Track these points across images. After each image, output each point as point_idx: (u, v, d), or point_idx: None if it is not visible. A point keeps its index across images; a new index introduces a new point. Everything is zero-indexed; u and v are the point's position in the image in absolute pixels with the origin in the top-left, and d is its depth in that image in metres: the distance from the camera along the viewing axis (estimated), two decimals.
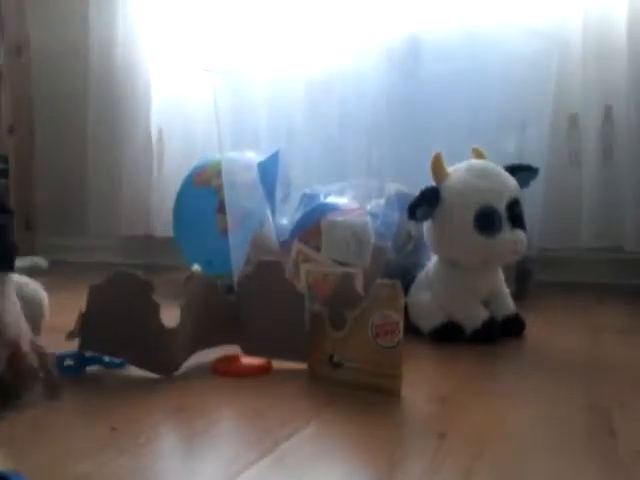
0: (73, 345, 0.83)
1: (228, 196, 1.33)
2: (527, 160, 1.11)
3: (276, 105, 1.72)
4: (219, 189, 1.40)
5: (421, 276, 1.09)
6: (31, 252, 2.07)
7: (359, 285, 0.85)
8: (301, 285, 1.03)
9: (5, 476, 0.43)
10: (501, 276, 1.07)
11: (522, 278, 1.35)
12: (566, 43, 1.51)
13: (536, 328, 1.07)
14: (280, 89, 1.72)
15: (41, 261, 1.96)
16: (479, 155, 1.09)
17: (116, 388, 0.78)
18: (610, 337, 1.04)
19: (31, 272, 1.87)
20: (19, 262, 2.00)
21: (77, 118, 2.08)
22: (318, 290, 0.90)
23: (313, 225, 1.13)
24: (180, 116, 1.92)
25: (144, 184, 1.99)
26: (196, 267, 0.82)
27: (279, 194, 1.32)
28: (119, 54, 2.01)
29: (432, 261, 1.09)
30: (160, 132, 1.97)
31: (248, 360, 0.86)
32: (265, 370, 0.84)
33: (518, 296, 1.15)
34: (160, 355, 0.79)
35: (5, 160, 2.14)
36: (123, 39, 2.00)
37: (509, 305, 1.06)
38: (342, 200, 1.21)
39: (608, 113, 1.51)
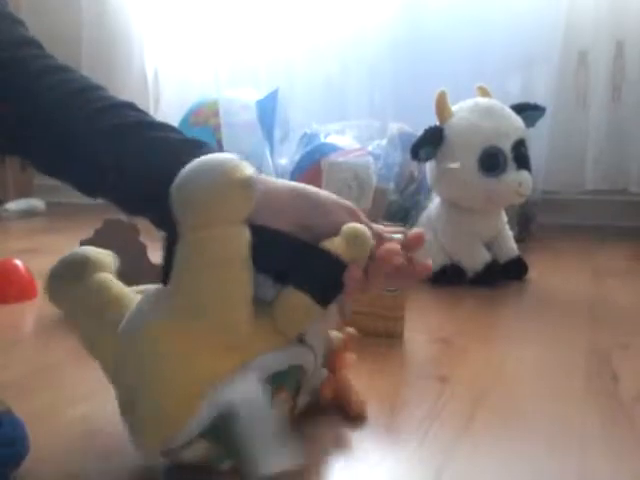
0: None
1: (226, 135, 1.30)
2: (534, 100, 1.07)
3: (275, 42, 1.67)
4: (216, 128, 1.37)
5: (423, 218, 1.07)
6: (27, 194, 2.05)
7: None
8: None
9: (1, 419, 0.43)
10: (504, 218, 1.06)
11: (525, 220, 1.34)
12: None
13: (538, 271, 1.07)
14: (279, 27, 1.67)
15: (38, 203, 1.94)
16: (484, 94, 1.06)
17: None
18: (612, 279, 1.03)
19: (28, 214, 1.86)
20: (14, 205, 1.99)
21: (70, 62, 2.02)
22: None
23: (313, 166, 1.11)
24: (176, 55, 1.86)
25: None
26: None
27: (278, 133, 1.29)
28: (112, 14, 1.95)
29: (434, 202, 1.07)
30: (156, 72, 1.91)
31: None
32: None
33: (520, 239, 1.14)
34: None
35: (1, 100, 2.09)
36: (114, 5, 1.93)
37: (512, 248, 1.05)
38: (343, 140, 1.18)
39: (620, 50, 1.46)
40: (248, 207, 0.41)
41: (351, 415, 0.53)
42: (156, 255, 0.79)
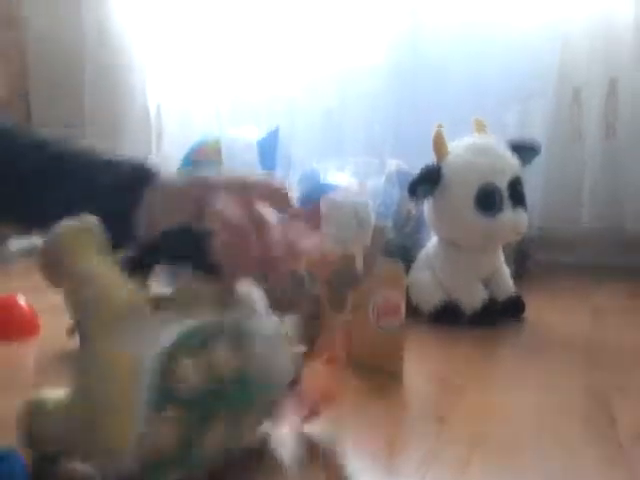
0: None
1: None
2: (529, 134, 1.09)
3: (275, 79, 1.70)
4: (219, 165, 1.39)
5: (421, 256, 1.08)
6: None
7: (359, 265, 0.84)
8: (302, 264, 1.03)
9: (1, 453, 0.43)
10: (501, 256, 1.06)
11: (522, 258, 1.35)
12: (570, 16, 1.48)
13: (535, 309, 1.07)
14: (279, 63, 1.70)
15: (39, 242, 1.94)
16: (480, 127, 1.07)
17: None
18: (610, 319, 1.04)
19: (30, 252, 1.87)
20: (18, 244, 1.98)
21: (72, 99, 2.05)
22: (317, 271, 0.90)
23: (313, 205, 1.12)
24: (178, 91, 1.89)
25: (145, 142, 1.96)
26: None
27: (279, 172, 1.31)
28: (114, 30, 1.98)
29: (432, 241, 1.08)
30: (159, 108, 1.94)
31: None
32: None
33: (518, 276, 1.15)
34: None
35: None
36: (118, 16, 1.97)
37: (509, 286, 1.05)
38: (342, 178, 1.19)
39: (612, 87, 1.48)
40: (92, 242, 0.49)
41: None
42: None
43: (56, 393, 0.50)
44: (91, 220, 0.53)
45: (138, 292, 0.48)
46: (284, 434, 0.56)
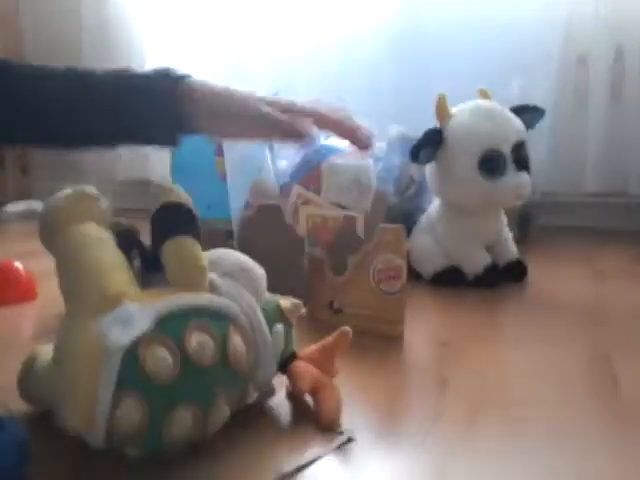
0: None
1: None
2: (533, 102, 1.07)
3: (275, 44, 1.68)
4: None
5: (423, 220, 1.07)
6: (27, 196, 2.05)
7: (360, 229, 0.83)
8: (301, 229, 1.02)
9: (0, 422, 0.43)
10: (504, 220, 1.06)
11: (524, 222, 1.34)
12: None
13: (538, 273, 1.07)
14: (278, 27, 1.67)
15: (37, 205, 1.94)
16: (484, 96, 1.06)
17: None
18: (612, 282, 1.03)
19: (27, 216, 1.86)
20: (14, 207, 1.99)
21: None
22: (318, 234, 0.89)
23: (313, 168, 1.11)
24: (176, 55, 1.87)
25: None
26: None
27: None
28: (111, 17, 1.95)
29: (434, 205, 1.07)
30: None
31: None
32: None
33: (520, 240, 1.14)
34: None
35: None
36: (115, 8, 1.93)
37: (511, 250, 1.05)
38: (343, 143, 1.18)
39: (619, 53, 1.46)
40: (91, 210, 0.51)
41: (320, 425, 0.52)
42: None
43: (48, 351, 0.49)
44: (92, 190, 0.52)
45: (127, 274, 0.48)
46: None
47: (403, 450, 0.49)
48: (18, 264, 0.95)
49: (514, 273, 1.03)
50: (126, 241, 0.52)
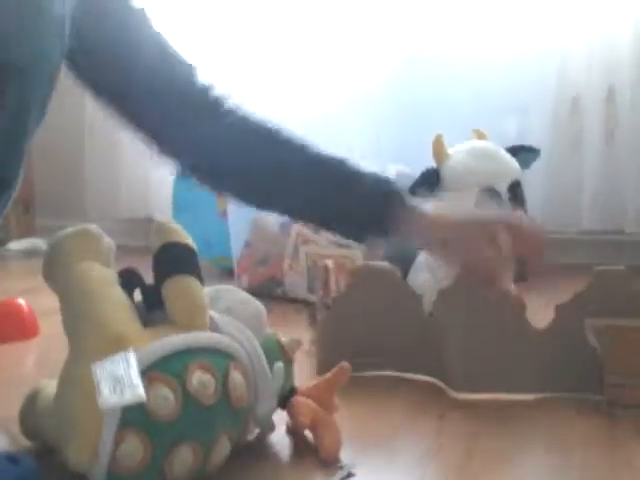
0: None
1: None
2: (529, 143, 1.10)
3: (274, 83, 1.71)
4: None
5: (421, 258, 1.08)
6: (30, 234, 2.06)
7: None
8: (301, 267, 1.03)
9: (14, 456, 0.44)
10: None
11: (522, 260, 1.34)
12: (569, 30, 1.49)
13: (536, 311, 1.07)
14: (278, 67, 1.71)
15: (40, 243, 1.95)
16: (480, 136, 1.08)
17: None
18: None
19: (30, 254, 1.87)
20: (17, 244, 1.99)
21: (73, 101, 2.06)
22: (319, 273, 0.89)
23: None
24: None
25: (143, 165, 1.97)
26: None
27: None
28: None
29: None
30: None
31: None
32: None
33: (518, 279, 1.15)
34: None
35: None
36: None
37: (510, 288, 1.05)
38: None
39: (611, 95, 1.49)
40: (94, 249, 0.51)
41: (320, 459, 0.52)
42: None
43: (52, 386, 0.50)
44: (96, 228, 0.53)
45: (130, 313, 0.48)
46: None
47: None
48: (21, 301, 0.96)
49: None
50: (129, 280, 0.52)
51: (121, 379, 0.42)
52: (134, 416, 0.42)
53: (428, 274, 1.05)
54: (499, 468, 0.52)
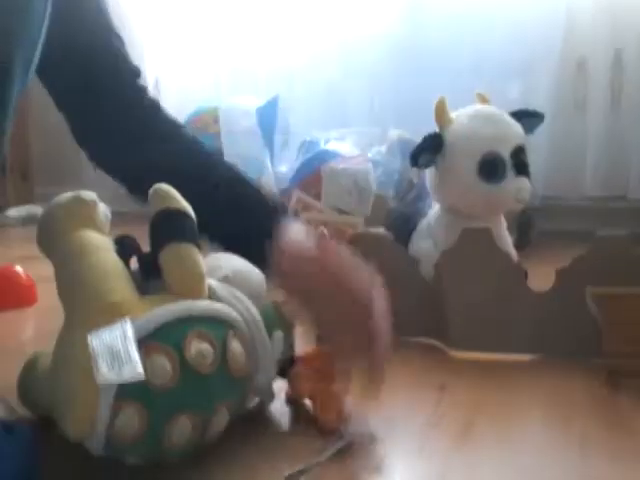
0: None
1: (226, 143, 1.30)
2: (532, 107, 1.08)
3: (275, 50, 1.68)
4: (216, 136, 1.37)
5: (423, 224, 1.07)
6: (28, 201, 2.05)
7: None
8: None
9: (10, 425, 0.43)
10: (504, 224, 1.05)
11: (524, 227, 1.34)
12: None
13: (538, 278, 1.06)
14: (279, 34, 1.68)
15: (38, 210, 1.94)
16: (483, 101, 1.06)
17: None
18: None
19: (28, 221, 1.86)
20: (15, 211, 1.99)
21: None
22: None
23: (313, 173, 1.11)
24: (176, 63, 1.87)
25: None
26: None
27: (278, 141, 1.30)
28: (111, 3, 1.95)
29: (434, 209, 1.07)
30: (157, 81, 1.92)
31: None
32: None
33: (520, 245, 1.14)
34: None
35: None
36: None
37: (511, 254, 1.04)
38: (343, 147, 1.18)
39: (618, 57, 1.47)
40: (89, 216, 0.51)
41: (319, 426, 0.52)
42: None
43: (49, 355, 0.49)
44: (92, 195, 0.52)
45: (126, 281, 0.47)
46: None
47: (402, 457, 0.49)
48: (18, 268, 0.96)
49: None
50: (125, 247, 0.51)
51: (118, 354, 0.42)
52: (131, 387, 0.42)
53: (430, 240, 1.04)
54: (498, 439, 0.52)
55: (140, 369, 0.41)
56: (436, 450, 0.50)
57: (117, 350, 0.42)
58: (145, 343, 0.43)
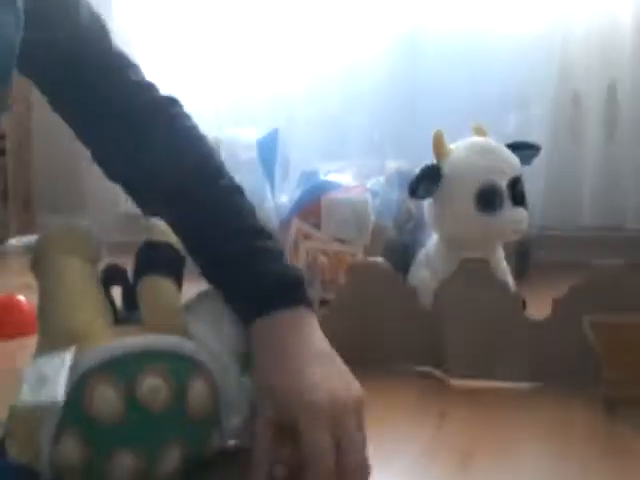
0: None
1: None
2: (529, 138, 1.09)
3: (274, 81, 1.70)
4: None
5: (421, 255, 1.08)
6: (29, 231, 2.06)
7: None
8: (300, 263, 1.03)
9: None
10: (501, 254, 1.06)
11: (522, 257, 1.34)
12: (570, 21, 1.49)
13: (535, 307, 1.07)
14: (278, 66, 1.70)
15: None
16: (480, 132, 1.08)
17: None
18: None
19: (29, 251, 1.87)
20: (18, 241, 2.00)
21: None
22: (317, 269, 0.90)
23: (313, 203, 1.13)
24: (176, 93, 1.89)
25: None
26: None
27: (278, 172, 1.31)
28: (112, 29, 1.98)
29: (432, 240, 1.08)
30: None
31: None
32: None
33: (517, 275, 1.15)
34: None
35: (2, 137, 2.12)
36: (116, 14, 1.97)
37: (509, 285, 1.05)
38: (342, 178, 1.20)
39: (612, 91, 1.49)
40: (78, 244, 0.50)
41: None
42: None
43: None
44: (84, 224, 0.52)
45: (98, 310, 0.47)
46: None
47: None
48: (20, 297, 0.96)
49: None
50: (110, 277, 0.51)
51: (46, 379, 0.41)
52: (74, 416, 0.41)
53: (428, 270, 1.05)
54: (498, 469, 0.52)
55: (59, 393, 0.40)
56: (436, 479, 0.50)
57: (46, 375, 0.41)
58: (95, 373, 0.42)
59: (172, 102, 0.65)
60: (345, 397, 0.47)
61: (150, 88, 0.65)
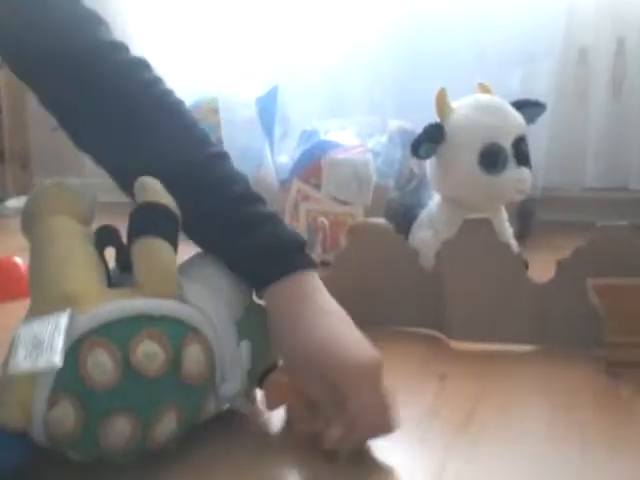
0: None
1: (225, 133, 1.29)
2: (534, 96, 1.07)
3: (275, 39, 1.67)
4: (216, 126, 1.37)
5: (423, 215, 1.07)
6: (27, 191, 2.05)
7: None
8: (300, 224, 1.02)
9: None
10: (504, 215, 1.05)
11: (525, 217, 1.33)
12: None
13: (538, 268, 1.06)
14: (279, 23, 1.67)
15: None
16: (485, 90, 1.05)
17: None
18: None
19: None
20: (15, 202, 1.99)
21: None
22: (318, 231, 0.89)
23: (313, 163, 1.11)
24: (175, 53, 1.86)
25: None
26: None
27: (278, 131, 1.29)
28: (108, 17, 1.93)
29: (435, 200, 1.07)
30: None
31: None
32: None
33: (520, 236, 1.14)
34: None
35: None
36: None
37: (512, 245, 1.04)
38: (343, 137, 1.18)
39: (621, 46, 1.46)
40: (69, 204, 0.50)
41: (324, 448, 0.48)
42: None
43: None
44: (76, 186, 0.51)
45: (92, 271, 0.46)
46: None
47: (403, 446, 0.49)
48: (18, 259, 0.95)
49: None
50: (103, 238, 0.50)
51: (41, 344, 0.40)
52: (68, 380, 0.41)
53: (430, 231, 1.04)
54: (499, 428, 0.52)
55: (57, 359, 0.39)
56: (437, 439, 0.50)
57: (41, 340, 0.40)
58: (89, 338, 0.42)
59: (144, 66, 0.57)
60: (372, 356, 0.49)
61: (120, 48, 0.57)
